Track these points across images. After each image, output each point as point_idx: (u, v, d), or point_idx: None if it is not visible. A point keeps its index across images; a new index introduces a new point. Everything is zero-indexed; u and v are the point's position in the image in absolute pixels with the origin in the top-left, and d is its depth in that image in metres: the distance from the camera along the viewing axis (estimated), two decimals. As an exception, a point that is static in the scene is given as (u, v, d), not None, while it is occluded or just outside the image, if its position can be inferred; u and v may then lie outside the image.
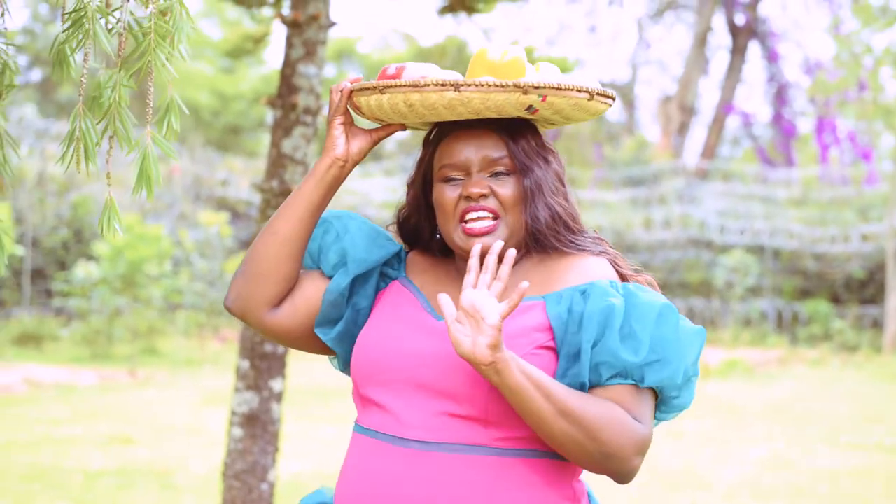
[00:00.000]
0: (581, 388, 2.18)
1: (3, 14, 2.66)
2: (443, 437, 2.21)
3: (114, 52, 2.30)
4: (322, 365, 5.10)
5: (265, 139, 26.23)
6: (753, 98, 32.29)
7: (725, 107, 27.13)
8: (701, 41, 27.53)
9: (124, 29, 2.30)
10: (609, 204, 22.49)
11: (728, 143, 31.81)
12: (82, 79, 2.30)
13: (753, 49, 27.71)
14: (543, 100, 2.23)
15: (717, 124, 27.42)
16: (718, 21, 28.23)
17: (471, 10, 6.24)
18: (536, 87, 2.21)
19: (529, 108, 2.25)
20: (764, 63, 27.34)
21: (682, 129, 27.64)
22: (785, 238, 20.76)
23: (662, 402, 2.28)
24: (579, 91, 2.26)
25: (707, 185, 23.32)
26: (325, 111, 5.01)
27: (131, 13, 2.31)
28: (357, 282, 2.44)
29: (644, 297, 2.23)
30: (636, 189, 23.16)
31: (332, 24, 5.01)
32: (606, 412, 2.14)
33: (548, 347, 2.23)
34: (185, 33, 2.31)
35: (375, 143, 2.44)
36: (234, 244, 18.64)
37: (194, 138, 23.56)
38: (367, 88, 2.30)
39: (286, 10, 5.71)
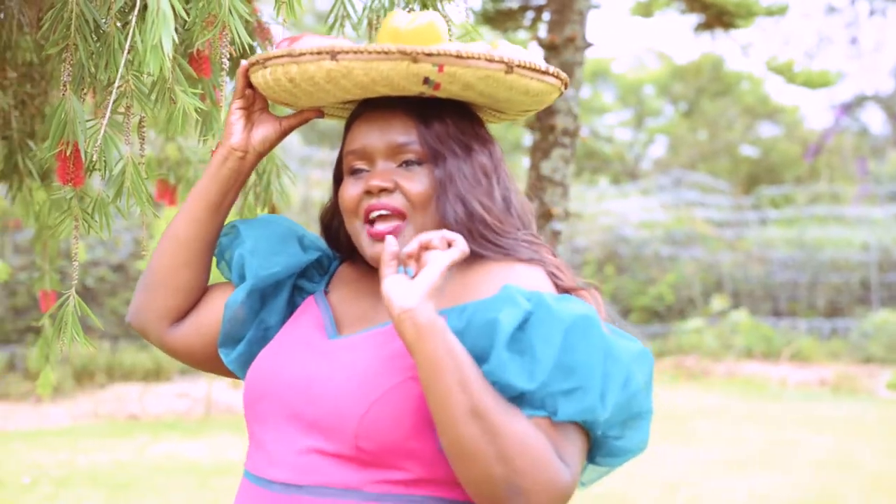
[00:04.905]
0: None
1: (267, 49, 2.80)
2: (310, 480, 1.80)
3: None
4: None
5: (521, 161, 26.41)
6: None
7: None
8: (972, 49, 26.35)
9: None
10: (875, 220, 21.71)
11: None
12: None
13: None
14: (441, 70, 1.82)
15: None
16: None
17: (728, 25, 6.18)
18: (429, 55, 1.81)
19: (427, 81, 1.85)
20: None
21: (952, 140, 26.50)
22: None
23: (599, 444, 1.80)
24: (490, 61, 1.84)
25: (981, 198, 22.27)
26: (583, 133, 5.04)
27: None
28: (266, 295, 2.09)
29: (557, 307, 1.74)
30: (904, 204, 22.32)
31: (589, 45, 5.03)
32: (531, 436, 1.69)
33: None
34: None
35: (286, 132, 2.09)
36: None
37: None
38: (255, 63, 1.96)
39: (542, 33, 5.77)
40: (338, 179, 2.05)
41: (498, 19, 6.08)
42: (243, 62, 2.01)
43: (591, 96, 28.63)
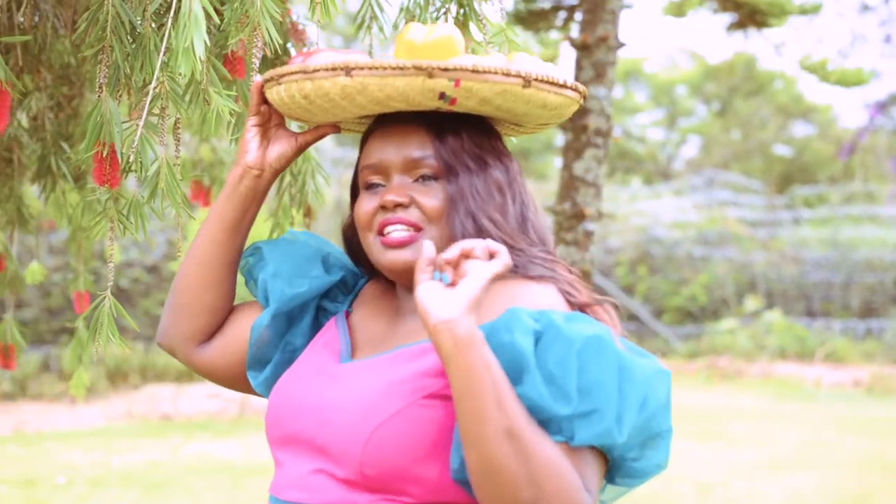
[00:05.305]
0: None
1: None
2: (319, 499, 1.80)
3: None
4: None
5: (553, 161, 26.34)
6: None
7: None
8: None
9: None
10: (910, 220, 21.58)
11: None
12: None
13: None
14: (457, 85, 1.79)
15: None
16: None
17: (761, 24, 6.15)
18: (445, 70, 1.78)
19: (443, 96, 1.82)
20: None
21: None
22: None
23: (617, 466, 1.77)
24: (506, 75, 1.81)
25: None
26: (615, 133, 5.02)
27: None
28: (293, 317, 2.09)
29: (567, 329, 1.70)
30: (939, 204, 22.13)
31: (621, 45, 5.01)
32: (560, 461, 1.65)
33: (440, 396, 1.76)
34: None
35: (302, 148, 2.06)
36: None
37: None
38: (270, 80, 1.93)
39: (574, 33, 5.76)
40: (355, 194, 2.03)
41: (530, 20, 6.07)
42: (257, 78, 2.00)
43: (623, 96, 28.57)
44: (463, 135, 1.92)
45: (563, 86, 1.89)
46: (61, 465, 9.17)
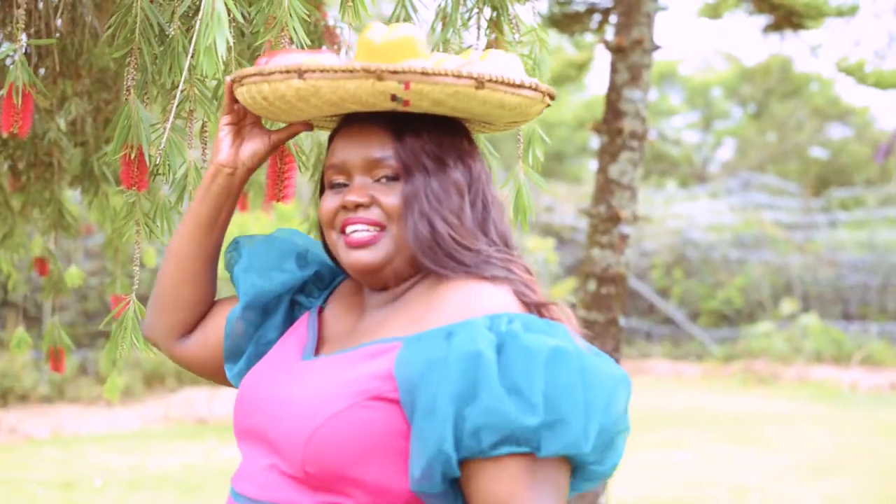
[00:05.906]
0: (445, 459, 1.68)
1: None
2: (268, 496, 1.81)
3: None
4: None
5: (588, 164, 26.28)
6: None
7: None
8: None
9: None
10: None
11: None
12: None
13: None
14: (406, 87, 1.78)
15: None
16: None
17: (797, 26, 6.12)
18: (394, 73, 1.76)
19: (395, 98, 1.80)
20: None
21: None
22: None
23: (578, 469, 1.76)
24: (458, 77, 1.78)
25: None
26: (651, 136, 5.01)
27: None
28: (268, 311, 2.10)
29: (528, 340, 1.69)
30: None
31: (656, 47, 5.00)
32: None
33: (386, 399, 1.74)
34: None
35: (275, 146, 2.05)
36: (560, 270, 18.77)
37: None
38: (235, 80, 1.93)
39: (609, 36, 5.75)
40: (322, 192, 2.02)
41: (564, 22, 6.07)
42: (227, 79, 1.99)
43: (658, 99, 28.47)
44: (424, 135, 1.90)
45: (521, 86, 1.85)
46: (98, 467, 9.22)
